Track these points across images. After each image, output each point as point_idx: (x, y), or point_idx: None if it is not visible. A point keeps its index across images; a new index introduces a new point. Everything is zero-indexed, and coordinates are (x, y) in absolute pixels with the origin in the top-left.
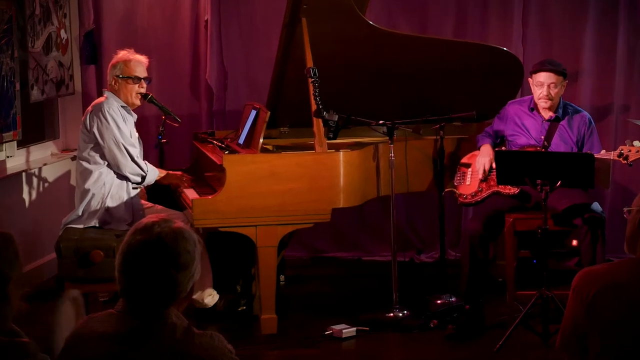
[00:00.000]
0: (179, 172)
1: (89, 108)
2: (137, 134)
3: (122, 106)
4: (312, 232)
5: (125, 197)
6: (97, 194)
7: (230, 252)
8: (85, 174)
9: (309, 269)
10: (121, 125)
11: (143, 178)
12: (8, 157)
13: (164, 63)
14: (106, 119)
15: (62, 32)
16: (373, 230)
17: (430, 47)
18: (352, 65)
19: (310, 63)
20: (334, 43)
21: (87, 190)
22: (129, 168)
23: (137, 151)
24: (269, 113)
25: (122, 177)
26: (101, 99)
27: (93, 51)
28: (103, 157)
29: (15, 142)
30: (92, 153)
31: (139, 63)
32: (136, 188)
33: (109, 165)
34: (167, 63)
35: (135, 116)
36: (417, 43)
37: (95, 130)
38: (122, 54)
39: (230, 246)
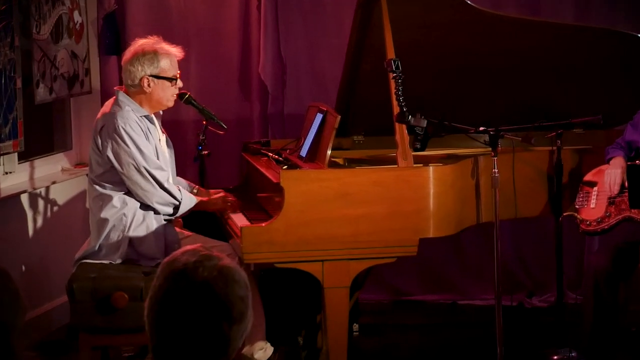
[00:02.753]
0: (220, 193)
1: (99, 116)
2: (164, 136)
3: (142, 116)
4: (394, 269)
5: (154, 227)
6: (118, 224)
7: (290, 294)
8: (101, 200)
9: (390, 316)
10: (143, 146)
11: (176, 208)
12: (7, 173)
13: (205, 54)
14: (123, 140)
15: (76, 14)
16: (471, 267)
17: (545, 34)
18: (445, 56)
19: (391, 53)
20: (421, 28)
21: (105, 220)
22: (157, 197)
23: (165, 175)
24: (339, 117)
25: (148, 206)
26: (115, 108)
27: (115, 39)
28: (123, 182)
29: (16, 154)
30: (108, 177)
31: (175, 58)
32: (168, 220)
33: (128, 192)
34: (209, 53)
35: (161, 113)
36: (529, 28)
37: (109, 153)
38: (149, 43)
39: (289, 287)
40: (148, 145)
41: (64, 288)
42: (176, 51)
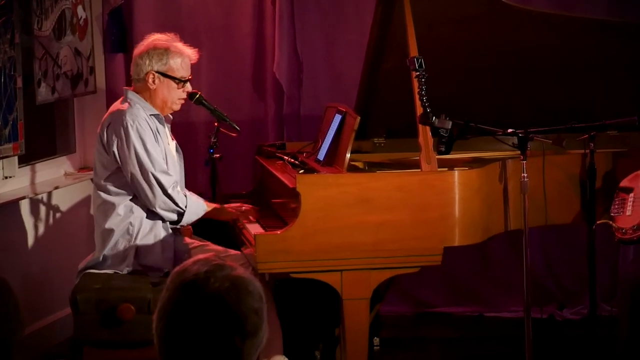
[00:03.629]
0: (236, 204)
1: (105, 117)
2: (174, 142)
3: (151, 114)
4: (417, 280)
5: (162, 236)
6: (124, 234)
7: (306, 306)
8: (106, 208)
9: (413, 329)
10: (150, 146)
11: (180, 215)
12: (6, 177)
13: (217, 51)
14: (130, 138)
15: (80, 9)
16: (499, 277)
17: (577, 29)
18: (471, 53)
19: (414, 51)
20: (445, 24)
21: (110, 230)
22: (159, 202)
23: (171, 180)
24: (358, 119)
25: (153, 212)
26: (122, 105)
27: (121, 35)
28: (128, 185)
29: (17, 158)
30: (114, 180)
31: (189, 60)
32: (173, 228)
33: (134, 198)
34: (221, 51)
35: (171, 118)
36: (560, 24)
37: (115, 150)
38: (163, 39)
39: (305, 298)
40: (156, 147)
41: (67, 300)
42: (191, 53)
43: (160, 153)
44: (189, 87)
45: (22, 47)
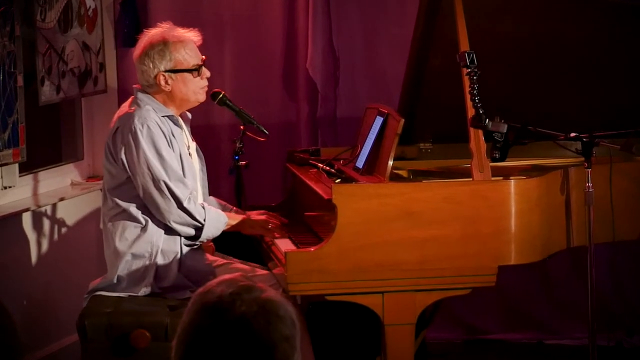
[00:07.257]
0: (262, 216)
1: (114, 120)
2: (194, 144)
3: (164, 116)
4: (468, 303)
5: (181, 253)
6: (140, 252)
7: (344, 332)
8: (118, 221)
9: (463, 358)
10: (164, 152)
11: (199, 230)
12: (6, 187)
13: (243, 45)
14: (139, 144)
15: None
16: (560, 300)
17: None
18: (530, 48)
19: (465, 45)
20: (501, 14)
21: (124, 247)
22: (174, 216)
23: (187, 192)
24: (402, 121)
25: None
26: (130, 109)
27: (134, 28)
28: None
29: (17, 165)
30: (125, 191)
31: (193, 44)
32: (193, 245)
33: (149, 211)
34: (247, 46)
35: (190, 117)
36: (628, 12)
37: (123, 158)
38: (157, 32)
39: (343, 324)
40: (170, 152)
41: (74, 325)
42: (192, 35)
43: (175, 159)
44: (206, 72)
45: (24, 40)
